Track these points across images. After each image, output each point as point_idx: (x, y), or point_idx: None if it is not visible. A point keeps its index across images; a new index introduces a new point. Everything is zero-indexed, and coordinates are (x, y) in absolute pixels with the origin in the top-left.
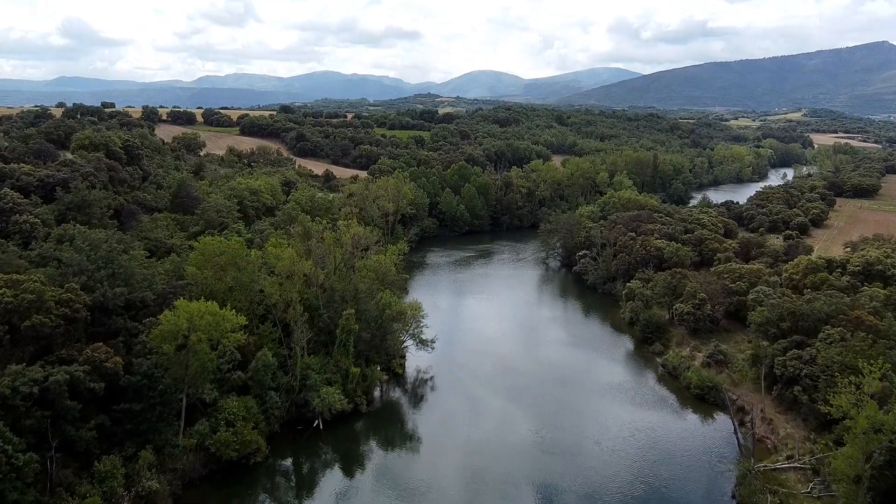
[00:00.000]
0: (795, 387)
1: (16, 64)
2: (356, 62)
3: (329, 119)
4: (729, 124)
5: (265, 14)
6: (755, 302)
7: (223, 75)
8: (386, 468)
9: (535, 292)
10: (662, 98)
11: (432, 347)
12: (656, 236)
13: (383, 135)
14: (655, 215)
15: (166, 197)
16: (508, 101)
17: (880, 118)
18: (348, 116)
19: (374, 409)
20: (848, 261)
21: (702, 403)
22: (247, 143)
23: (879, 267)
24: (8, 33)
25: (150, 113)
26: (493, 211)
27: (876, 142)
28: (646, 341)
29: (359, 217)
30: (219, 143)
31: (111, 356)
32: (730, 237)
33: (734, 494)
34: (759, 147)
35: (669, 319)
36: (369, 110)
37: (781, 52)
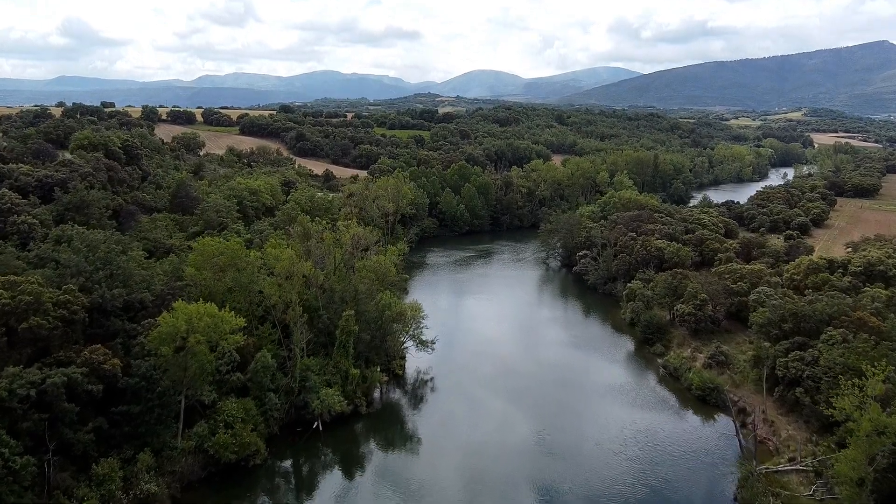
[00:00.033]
0: (797, 388)
1: (15, 63)
2: (356, 62)
3: (329, 119)
4: (729, 124)
5: (265, 14)
6: (756, 303)
7: (223, 75)
8: (386, 470)
9: (536, 293)
10: (663, 98)
11: (432, 348)
12: (657, 236)
13: (383, 134)
14: (656, 215)
15: (165, 197)
16: (508, 101)
17: (880, 118)
18: (348, 116)
19: (374, 411)
20: (849, 261)
21: (703, 405)
22: (246, 143)
23: (881, 267)
24: (8, 33)
25: (150, 113)
26: (494, 211)
27: (876, 141)
28: (646, 342)
29: (358, 217)
30: (218, 143)
31: (109, 358)
32: (730, 237)
33: (736, 497)
34: (760, 147)
35: (670, 320)
36: (369, 110)
37: (781, 52)
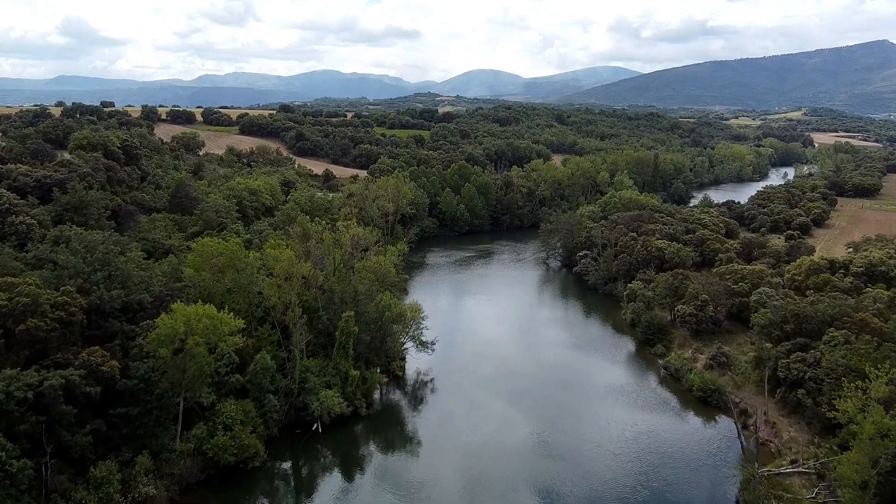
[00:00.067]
0: (799, 390)
1: (15, 63)
2: (356, 61)
3: (329, 118)
4: (729, 123)
5: (265, 13)
6: (758, 303)
7: (223, 74)
8: (386, 471)
9: (536, 293)
10: (663, 97)
11: (432, 349)
12: (657, 237)
13: (383, 134)
14: (656, 215)
15: (165, 197)
16: (508, 100)
17: (880, 117)
18: (348, 115)
19: (374, 412)
20: (851, 262)
21: (704, 406)
22: (246, 143)
23: (883, 268)
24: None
25: (150, 112)
26: (494, 211)
27: (876, 141)
28: (647, 343)
29: (358, 217)
30: (218, 143)
31: (107, 360)
32: (731, 237)
33: (738, 499)
34: (760, 146)
35: (671, 321)
36: (369, 109)
37: (781, 51)
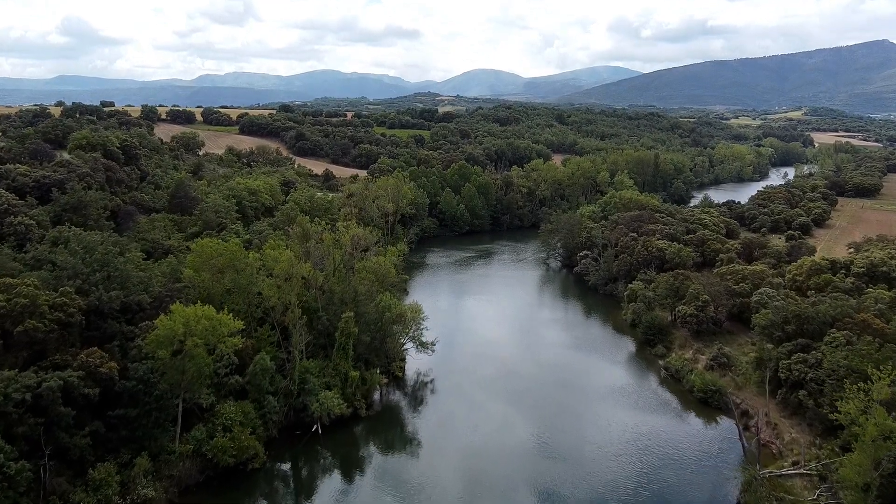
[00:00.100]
0: (801, 391)
1: (15, 63)
2: (356, 61)
3: (329, 118)
4: (729, 123)
5: (265, 13)
6: (759, 304)
7: (223, 74)
8: (385, 473)
9: (536, 293)
10: (663, 97)
11: (433, 350)
12: (658, 237)
13: (383, 134)
14: (657, 215)
15: (164, 197)
16: (508, 100)
17: (881, 117)
18: (348, 115)
19: (374, 413)
20: (852, 262)
21: (705, 407)
22: (246, 143)
23: (884, 268)
24: (7, 32)
25: (149, 112)
26: (494, 211)
27: (877, 140)
28: (648, 343)
29: (358, 217)
30: (218, 143)
31: (106, 361)
32: (732, 237)
33: (739, 501)
34: (760, 146)
35: (672, 321)
36: (369, 109)
37: (781, 51)
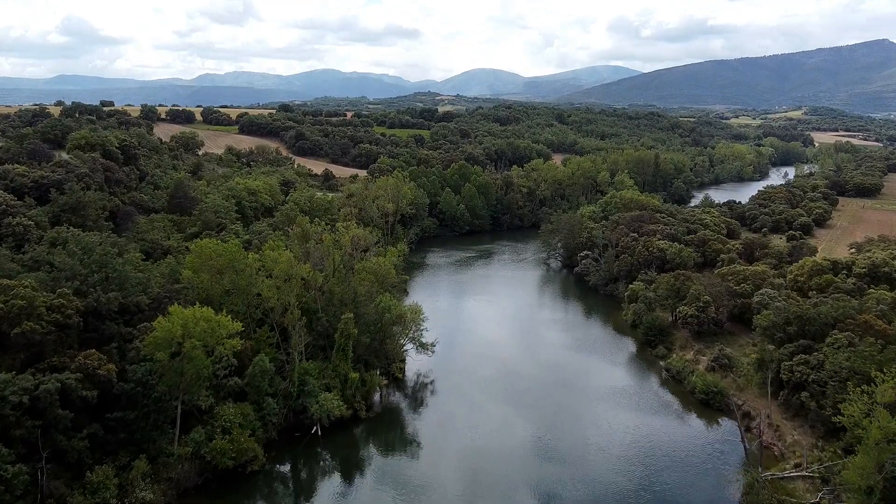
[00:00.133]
0: (803, 392)
1: (15, 62)
2: (356, 60)
3: (328, 118)
4: (729, 123)
5: (265, 12)
6: (760, 305)
7: (223, 73)
8: (385, 474)
9: (536, 293)
10: (663, 96)
11: (433, 351)
12: (659, 237)
13: (383, 133)
14: (658, 215)
15: (163, 197)
16: (508, 100)
17: (881, 116)
18: (348, 115)
19: (374, 415)
20: (853, 262)
21: (706, 409)
22: (246, 142)
23: (886, 269)
24: (7, 31)
25: (149, 111)
26: (494, 211)
27: (877, 140)
28: (649, 344)
29: (358, 217)
30: (217, 142)
31: (104, 363)
32: (733, 238)
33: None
34: (760, 145)
35: (673, 322)
36: (369, 109)
37: (781, 51)
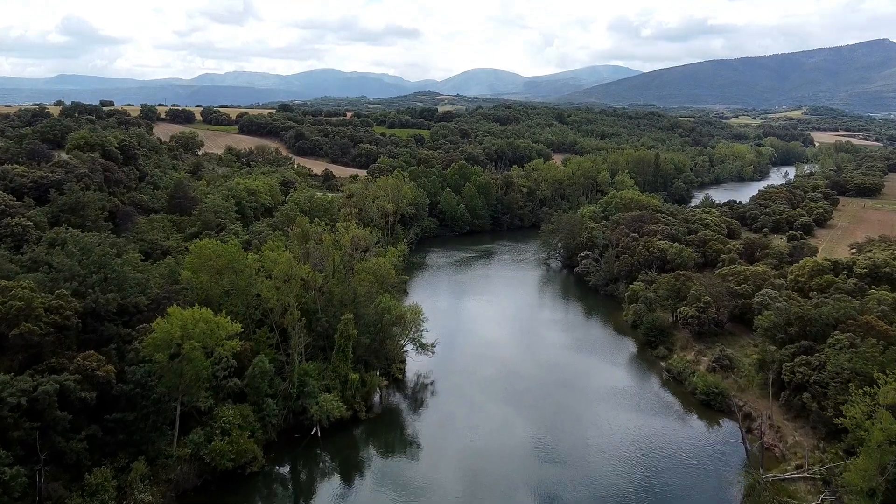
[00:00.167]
0: (804, 394)
1: (15, 62)
2: (356, 60)
3: (328, 117)
4: (729, 122)
5: (265, 12)
6: (761, 305)
7: (223, 73)
8: (385, 475)
9: (537, 294)
10: (663, 96)
11: (433, 352)
12: (659, 237)
13: (383, 133)
14: (658, 216)
15: (163, 198)
16: (508, 99)
17: (881, 116)
18: (348, 115)
19: (374, 416)
20: (854, 263)
21: (707, 409)
22: (246, 142)
23: (887, 269)
24: (7, 31)
25: (149, 111)
26: (494, 211)
27: (877, 140)
28: (649, 345)
29: (358, 217)
30: (217, 142)
31: (103, 364)
32: (733, 238)
33: None
34: (760, 145)
35: (673, 322)
36: (369, 108)
37: (781, 50)
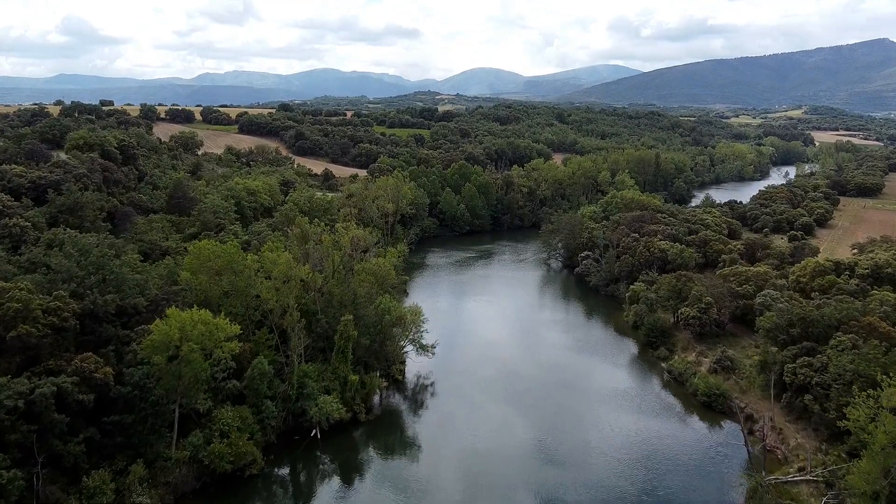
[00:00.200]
0: (806, 395)
1: (15, 62)
2: (356, 60)
3: (328, 117)
4: (730, 122)
5: (265, 12)
6: (762, 306)
7: (223, 73)
8: (385, 477)
9: (537, 294)
10: (663, 95)
11: (433, 353)
12: (660, 237)
13: (383, 133)
14: (659, 216)
15: (162, 198)
16: (508, 99)
17: (881, 116)
18: (348, 114)
19: (374, 417)
20: (856, 263)
21: (709, 411)
22: (245, 142)
23: (889, 270)
24: (7, 31)
25: (149, 111)
26: (494, 210)
27: (877, 139)
28: (650, 346)
29: (358, 217)
30: (217, 142)
31: (101, 366)
32: (734, 238)
33: None
34: (761, 145)
35: (674, 323)
36: (369, 108)
37: (781, 50)
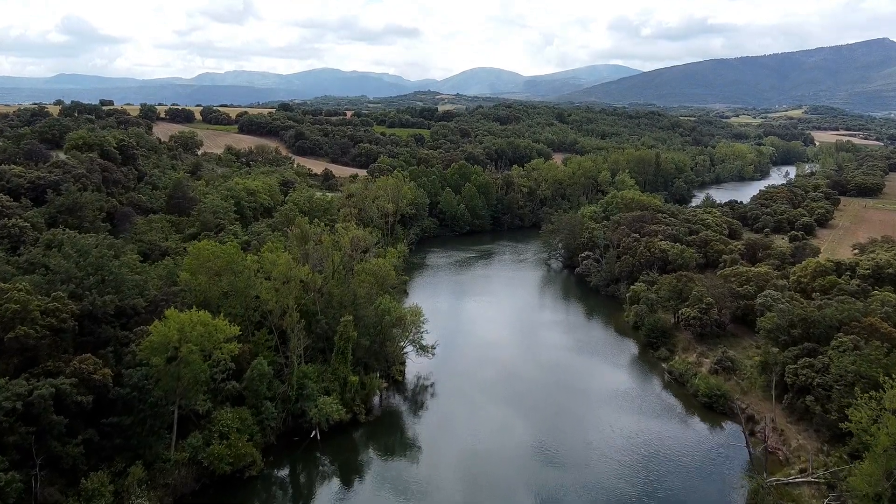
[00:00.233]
0: (808, 396)
1: (15, 61)
2: (356, 59)
3: (328, 117)
4: (730, 122)
5: (265, 12)
6: (763, 307)
7: (223, 72)
8: (385, 478)
9: (537, 294)
10: (663, 95)
11: (433, 353)
12: (660, 237)
13: (383, 133)
14: (659, 216)
15: (161, 198)
16: (508, 99)
17: (881, 115)
18: (348, 114)
19: (374, 419)
20: (857, 263)
21: (710, 412)
22: (245, 142)
23: (890, 270)
24: (7, 31)
25: (148, 111)
26: (494, 210)
27: (877, 139)
28: (651, 346)
29: (358, 217)
30: (217, 142)
31: (100, 368)
32: (734, 238)
33: None
34: (761, 145)
35: (675, 324)
36: (369, 108)
37: (782, 49)
